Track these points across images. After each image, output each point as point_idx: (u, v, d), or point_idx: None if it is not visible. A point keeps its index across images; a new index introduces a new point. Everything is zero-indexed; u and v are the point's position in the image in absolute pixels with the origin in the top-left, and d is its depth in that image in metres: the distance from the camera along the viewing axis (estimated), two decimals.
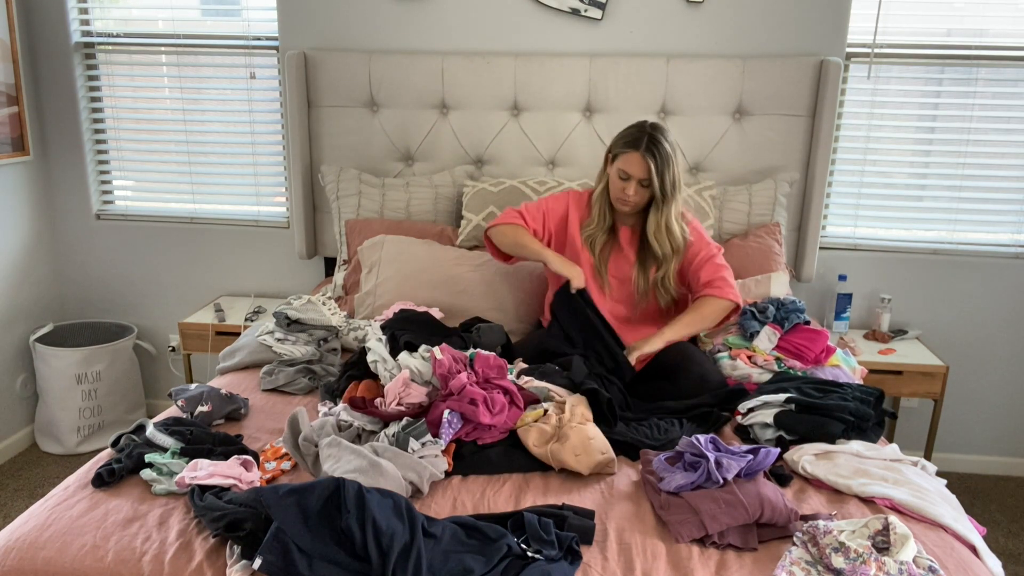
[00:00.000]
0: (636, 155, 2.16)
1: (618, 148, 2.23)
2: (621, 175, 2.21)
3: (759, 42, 2.89)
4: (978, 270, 3.05)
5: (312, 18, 3.04)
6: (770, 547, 1.46)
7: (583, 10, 2.91)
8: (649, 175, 2.16)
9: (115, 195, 3.41)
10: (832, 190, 3.07)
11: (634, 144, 2.17)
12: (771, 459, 1.61)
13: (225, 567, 1.37)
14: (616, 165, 2.22)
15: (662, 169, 2.16)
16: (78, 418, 3.20)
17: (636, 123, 2.24)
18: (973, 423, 3.21)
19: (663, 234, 2.26)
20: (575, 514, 1.51)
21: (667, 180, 2.18)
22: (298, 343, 2.30)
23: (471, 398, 1.76)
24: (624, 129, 2.26)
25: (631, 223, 2.37)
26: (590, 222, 2.35)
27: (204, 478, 1.58)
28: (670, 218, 2.25)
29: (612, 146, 2.27)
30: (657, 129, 2.20)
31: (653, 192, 2.21)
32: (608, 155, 2.30)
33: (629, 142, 2.19)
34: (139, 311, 3.48)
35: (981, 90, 2.92)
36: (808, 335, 2.38)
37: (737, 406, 1.99)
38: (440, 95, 2.97)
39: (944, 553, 1.45)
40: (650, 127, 2.20)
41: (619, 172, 2.21)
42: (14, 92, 3.12)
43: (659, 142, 2.16)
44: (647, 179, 2.18)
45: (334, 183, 2.96)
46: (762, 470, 1.61)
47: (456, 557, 1.34)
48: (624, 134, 2.24)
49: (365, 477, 1.52)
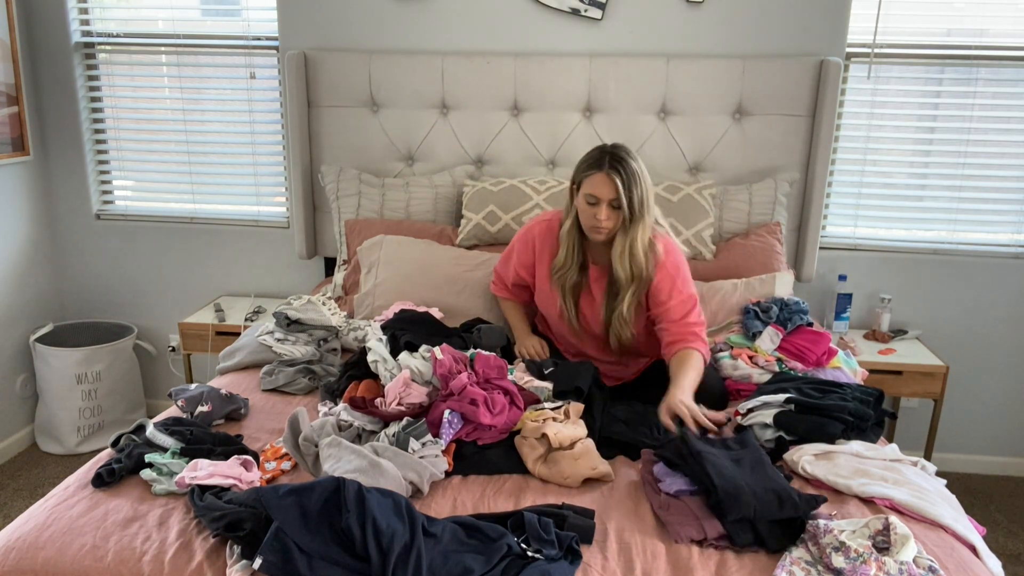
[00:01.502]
0: (601, 175, 2.02)
1: (581, 174, 2.09)
2: (589, 200, 2.06)
3: (759, 42, 2.89)
4: (978, 270, 3.05)
5: (312, 18, 3.04)
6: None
7: (583, 10, 2.91)
8: (617, 193, 2.01)
9: (115, 195, 3.41)
10: (832, 190, 3.07)
11: (597, 165, 2.04)
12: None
13: (225, 567, 1.37)
14: (583, 191, 2.07)
15: (629, 185, 2.02)
16: (78, 418, 3.20)
17: (595, 147, 2.11)
18: (973, 423, 3.21)
19: (626, 257, 2.08)
20: (575, 514, 1.51)
21: (635, 198, 2.03)
22: (298, 343, 2.30)
23: (471, 398, 1.76)
24: (584, 155, 2.12)
25: (604, 260, 2.18)
26: (558, 261, 2.20)
27: (204, 478, 1.58)
28: (635, 241, 2.07)
29: (575, 174, 2.12)
30: (619, 148, 2.08)
31: (623, 213, 2.05)
32: (572, 186, 2.14)
33: (591, 164, 2.06)
34: (139, 311, 3.48)
35: (981, 90, 2.92)
36: (811, 337, 2.38)
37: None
38: (440, 95, 2.97)
39: (944, 553, 1.45)
40: (611, 147, 2.08)
41: (587, 198, 2.06)
42: (14, 92, 3.12)
43: (623, 160, 2.04)
44: (616, 198, 2.02)
45: (334, 183, 2.96)
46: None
47: (456, 557, 1.34)
48: (585, 158, 2.10)
49: (365, 477, 1.52)
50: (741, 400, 2.09)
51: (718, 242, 2.80)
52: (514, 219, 2.76)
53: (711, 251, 2.73)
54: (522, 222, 2.76)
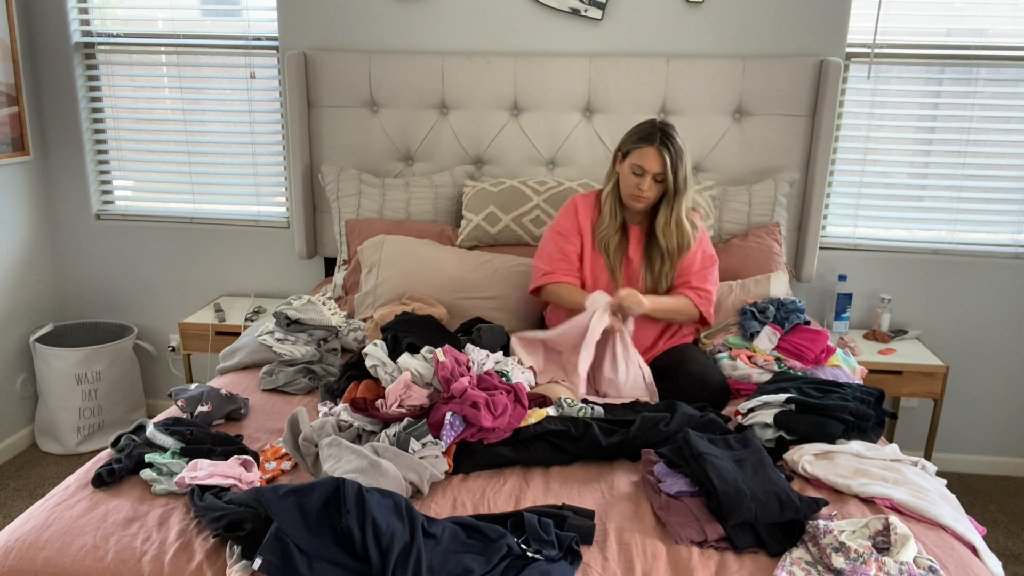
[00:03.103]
0: (651, 149, 2.18)
1: (631, 144, 2.24)
2: (635, 170, 2.22)
3: (759, 42, 2.89)
4: (978, 270, 3.05)
5: (312, 18, 3.04)
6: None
7: (583, 10, 2.91)
8: (664, 169, 2.18)
9: (115, 195, 3.41)
10: (832, 190, 3.07)
11: (648, 139, 2.19)
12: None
13: (225, 567, 1.38)
14: (629, 161, 2.23)
15: (676, 163, 2.19)
16: (78, 418, 3.20)
17: (646, 120, 2.27)
18: (973, 423, 3.21)
19: (672, 229, 2.28)
20: (575, 514, 1.51)
21: (680, 174, 2.20)
22: (298, 343, 2.30)
23: (473, 401, 1.76)
24: (634, 127, 2.28)
25: (639, 220, 2.38)
26: (601, 222, 2.35)
27: (204, 478, 1.58)
28: (680, 213, 2.26)
29: (623, 144, 2.29)
30: (668, 125, 2.23)
31: (667, 187, 2.23)
32: (618, 153, 2.31)
33: (643, 137, 2.21)
34: (139, 311, 3.48)
35: (981, 90, 2.92)
36: (808, 335, 2.38)
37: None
38: (440, 95, 2.97)
39: (944, 553, 1.45)
40: (661, 123, 2.23)
41: (633, 168, 2.22)
42: (14, 92, 3.12)
43: (672, 137, 2.20)
44: (662, 173, 2.20)
45: (334, 183, 2.96)
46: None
47: (456, 557, 1.34)
48: (636, 130, 2.26)
49: (365, 477, 1.52)
50: (741, 400, 2.09)
51: (717, 244, 2.79)
52: (514, 220, 2.76)
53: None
54: (522, 223, 2.76)
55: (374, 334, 2.40)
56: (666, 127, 2.22)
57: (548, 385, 2.08)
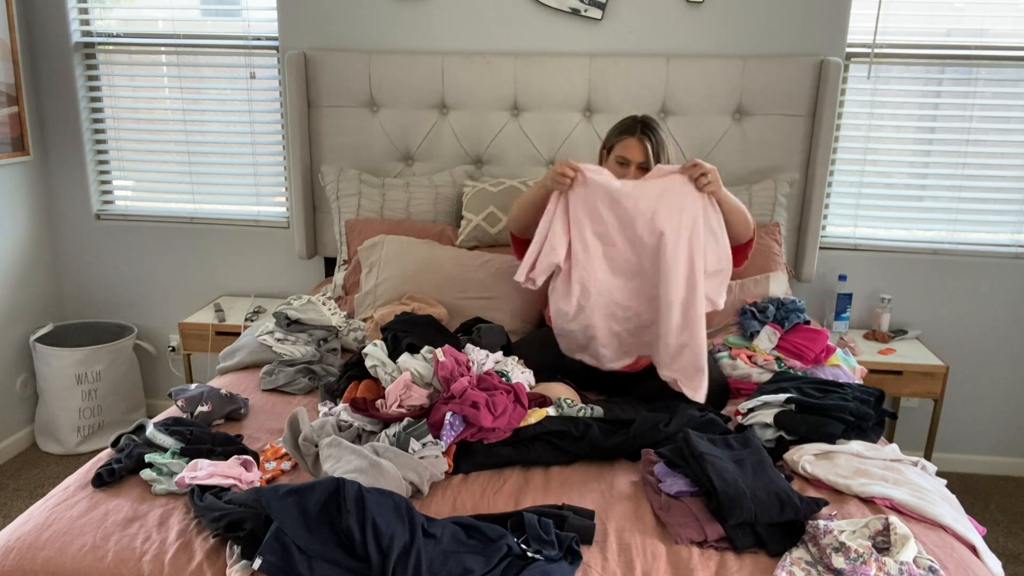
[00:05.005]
0: (633, 140, 2.24)
1: (614, 138, 2.30)
2: (620, 161, 2.26)
3: (759, 42, 2.89)
4: (978, 270, 3.05)
5: (312, 18, 3.04)
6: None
7: (583, 10, 2.91)
8: (647, 157, 2.22)
9: (115, 195, 3.41)
10: (832, 190, 3.07)
11: (629, 131, 2.26)
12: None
13: (225, 567, 1.37)
14: (614, 154, 2.28)
15: (658, 151, 2.24)
16: (78, 418, 3.20)
17: (627, 116, 2.33)
18: (973, 423, 3.21)
19: None
20: (575, 514, 1.51)
21: (663, 162, 2.23)
22: (298, 343, 2.30)
23: (472, 401, 1.76)
24: (615, 124, 2.33)
25: None
26: None
27: (204, 478, 1.58)
28: None
29: (606, 140, 2.35)
30: (649, 118, 2.29)
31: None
32: (603, 150, 2.36)
33: (624, 130, 2.28)
34: (139, 311, 3.48)
35: (981, 90, 2.92)
36: (808, 335, 2.38)
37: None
38: (440, 95, 2.97)
39: (944, 553, 1.45)
40: (642, 117, 2.30)
41: (617, 159, 2.27)
42: (14, 92, 3.12)
43: (653, 128, 2.26)
44: (645, 161, 2.23)
45: (334, 183, 2.96)
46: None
47: (456, 557, 1.34)
48: (617, 125, 2.32)
49: (365, 477, 1.51)
50: (741, 399, 2.09)
51: None
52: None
53: None
54: None
55: (374, 334, 2.40)
56: (647, 119, 2.28)
57: (548, 385, 2.08)
